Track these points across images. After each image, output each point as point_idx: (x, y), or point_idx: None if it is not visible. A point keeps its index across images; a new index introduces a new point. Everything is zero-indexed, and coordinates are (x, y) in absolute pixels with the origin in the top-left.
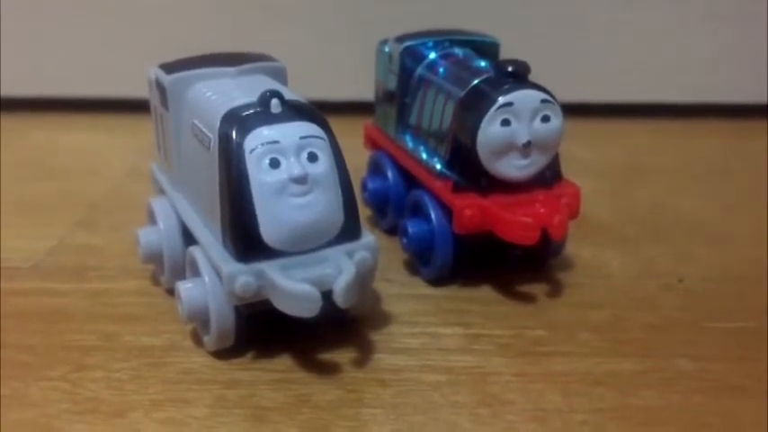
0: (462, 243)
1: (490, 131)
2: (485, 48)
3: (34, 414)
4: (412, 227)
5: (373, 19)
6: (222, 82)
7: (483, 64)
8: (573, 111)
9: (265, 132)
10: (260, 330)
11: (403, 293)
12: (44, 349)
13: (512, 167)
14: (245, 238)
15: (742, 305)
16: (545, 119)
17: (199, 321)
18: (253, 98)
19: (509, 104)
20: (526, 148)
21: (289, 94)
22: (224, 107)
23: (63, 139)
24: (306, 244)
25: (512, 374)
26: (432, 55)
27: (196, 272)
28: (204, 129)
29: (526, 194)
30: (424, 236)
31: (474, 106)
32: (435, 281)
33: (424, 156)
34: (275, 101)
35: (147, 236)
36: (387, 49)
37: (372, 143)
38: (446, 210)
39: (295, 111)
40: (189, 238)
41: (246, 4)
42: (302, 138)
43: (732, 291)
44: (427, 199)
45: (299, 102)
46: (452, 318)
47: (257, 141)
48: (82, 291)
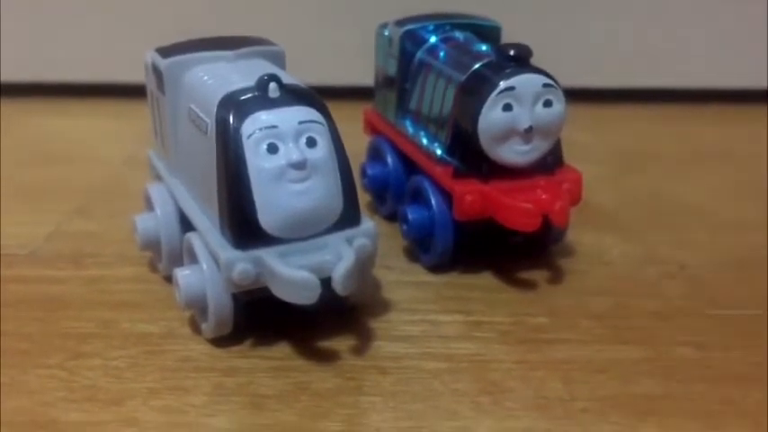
0: (463, 229)
1: (491, 116)
2: (486, 31)
3: (31, 402)
4: (412, 213)
5: (373, 2)
6: (219, 66)
7: (484, 48)
8: (575, 96)
9: (263, 117)
10: (258, 318)
11: (403, 280)
12: (41, 337)
13: (513, 153)
14: (242, 225)
15: (744, 292)
16: (547, 103)
17: (197, 309)
18: (251, 82)
19: (510, 89)
20: (528, 134)
21: (287, 79)
22: (221, 91)
23: (60, 125)
24: (304, 230)
25: (513, 362)
26: (432, 39)
27: (194, 259)
28: (201, 113)
29: (527, 180)
30: (425, 222)
31: (475, 91)
32: (435, 268)
33: (425, 141)
34: (273, 85)
35: (145, 222)
36: (386, 33)
37: (372, 128)
38: (446, 196)
39: (293, 95)
40: (186, 225)
41: None
42: (301, 123)
43: (734, 278)
44: (427, 185)
45: (298, 86)
46: (453, 305)
47: (255, 126)
48: (79, 278)
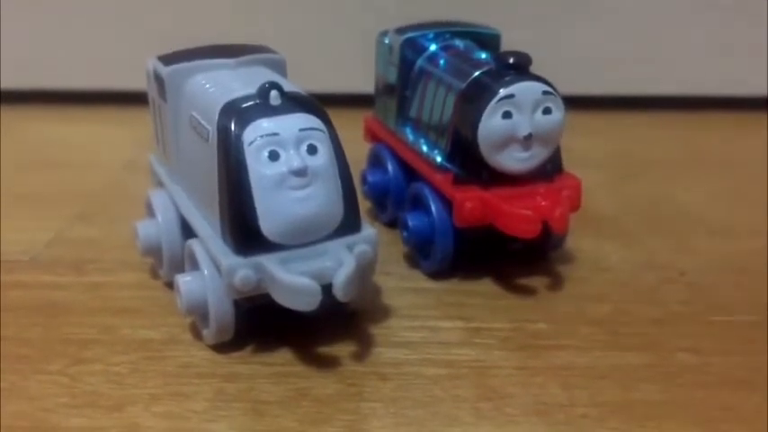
0: (463, 236)
1: (491, 124)
2: (486, 39)
3: (32, 408)
4: (412, 220)
5: (373, 10)
6: (221, 73)
7: (484, 56)
8: (574, 103)
9: (264, 124)
10: (259, 324)
11: (403, 287)
12: (42, 342)
13: (513, 160)
14: (244, 231)
15: (743, 298)
16: (546, 111)
17: (198, 315)
18: (252, 90)
19: (510, 96)
20: (527, 141)
21: (288, 86)
22: (223, 99)
23: (61, 132)
24: (305, 237)
25: (513, 368)
26: (432, 47)
27: (195, 265)
28: (203, 121)
29: (527, 187)
30: (425, 229)
31: (475, 98)
32: (435, 274)
33: (425, 148)
34: (274, 93)
35: (146, 229)
36: (387, 41)
37: (372, 136)
38: (446, 203)
39: (294, 103)
40: (188, 231)
41: None
42: (302, 130)
43: (733, 283)
44: (427, 192)
45: (299, 94)
46: (453, 311)
47: (256, 133)
48: (80, 284)
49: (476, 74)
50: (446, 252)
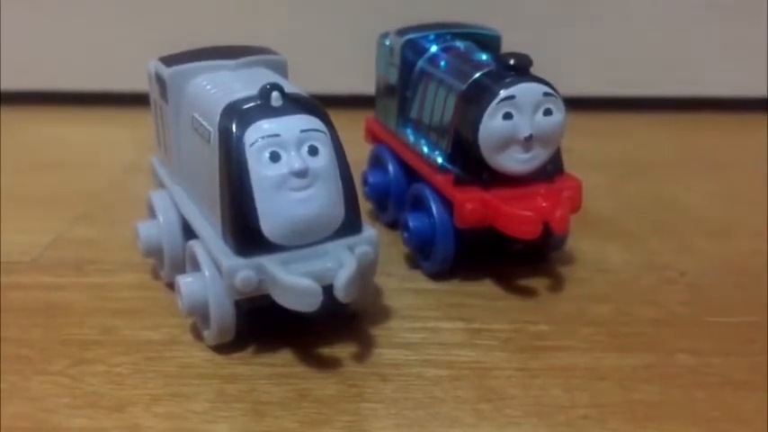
0: (463, 237)
1: (492, 125)
2: (486, 41)
3: (33, 408)
4: (413, 221)
5: (374, 12)
6: (222, 75)
7: (484, 57)
8: (574, 104)
9: (266, 126)
10: (260, 325)
11: (404, 288)
12: (44, 343)
13: (513, 161)
14: (245, 232)
15: (743, 299)
16: (547, 112)
17: (199, 316)
18: (253, 91)
19: (511, 98)
20: (528, 142)
21: (289, 88)
22: (224, 100)
23: (62, 133)
24: (306, 238)
25: (513, 369)
26: (433, 48)
27: (196, 266)
28: (204, 122)
29: (528, 188)
30: (425, 230)
31: (475, 100)
32: (436, 275)
33: (426, 149)
34: (276, 94)
35: (147, 230)
36: (388, 43)
37: (373, 137)
38: (447, 204)
39: (296, 104)
40: (189, 232)
41: None
42: (303, 131)
43: (733, 284)
44: (428, 193)
45: (300, 95)
46: (453, 312)
47: (257, 135)
48: (81, 285)
49: (476, 75)
50: (447, 253)
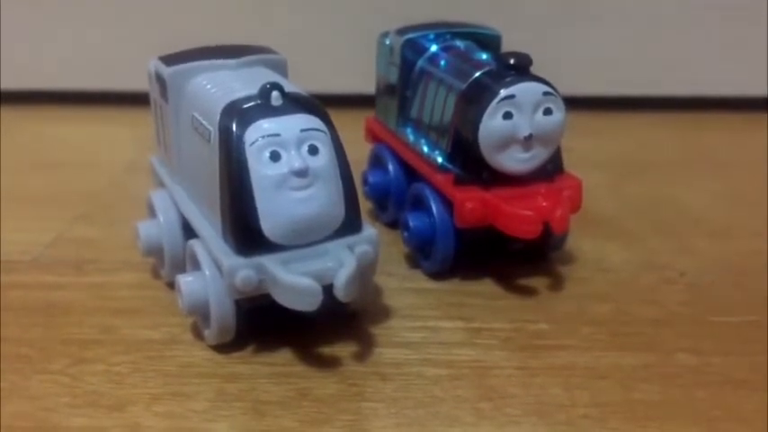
0: (463, 237)
1: (492, 124)
2: (486, 40)
3: (33, 407)
4: (413, 220)
5: (374, 11)
6: (222, 74)
7: (484, 56)
8: (574, 103)
9: (266, 125)
10: (260, 324)
11: (404, 287)
12: (44, 343)
13: (513, 161)
14: (245, 232)
15: (743, 299)
16: (547, 111)
17: (199, 315)
18: (253, 90)
19: (511, 97)
20: (528, 141)
21: (289, 87)
22: (224, 100)
23: (62, 132)
24: (306, 237)
25: (513, 368)
26: (433, 47)
27: (196, 265)
28: (204, 121)
29: (528, 188)
30: (425, 229)
31: (475, 99)
32: (436, 274)
33: (426, 149)
34: (276, 93)
35: (147, 229)
36: (388, 42)
37: (373, 136)
38: (447, 203)
39: (296, 103)
40: (189, 232)
41: None
42: (303, 130)
43: (733, 284)
44: (428, 192)
45: (300, 94)
46: (453, 311)
47: (258, 134)
48: (81, 284)
49: (476, 74)
50: (447, 252)
